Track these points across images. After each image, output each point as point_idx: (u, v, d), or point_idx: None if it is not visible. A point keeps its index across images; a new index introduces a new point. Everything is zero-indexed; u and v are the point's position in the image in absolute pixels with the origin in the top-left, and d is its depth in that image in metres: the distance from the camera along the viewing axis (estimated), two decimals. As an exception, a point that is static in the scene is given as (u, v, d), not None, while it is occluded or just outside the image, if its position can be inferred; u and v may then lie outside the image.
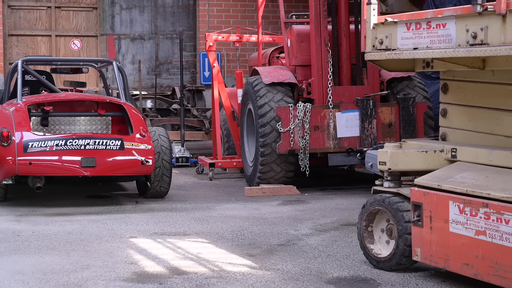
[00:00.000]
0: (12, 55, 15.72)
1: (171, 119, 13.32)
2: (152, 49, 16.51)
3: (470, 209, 4.76)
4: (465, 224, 4.80)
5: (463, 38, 4.83)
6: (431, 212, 5.04)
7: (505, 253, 4.53)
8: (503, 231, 4.54)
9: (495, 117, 5.32)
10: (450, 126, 5.75)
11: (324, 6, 9.17)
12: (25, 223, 7.37)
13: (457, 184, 4.93)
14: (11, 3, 15.74)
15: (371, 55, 5.64)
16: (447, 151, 5.41)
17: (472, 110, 5.53)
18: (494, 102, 5.32)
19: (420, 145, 5.67)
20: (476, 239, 4.72)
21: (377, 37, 5.58)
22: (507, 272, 4.53)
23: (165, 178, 8.66)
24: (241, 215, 7.78)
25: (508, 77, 5.19)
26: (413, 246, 5.21)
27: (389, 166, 5.46)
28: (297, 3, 15.85)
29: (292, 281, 5.20)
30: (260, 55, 10.54)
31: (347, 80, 9.40)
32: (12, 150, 7.96)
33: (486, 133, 5.38)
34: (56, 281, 5.23)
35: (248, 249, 6.19)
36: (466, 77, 5.56)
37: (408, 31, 5.31)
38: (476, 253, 4.73)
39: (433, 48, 5.09)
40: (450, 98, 5.74)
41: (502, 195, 4.57)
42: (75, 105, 9.05)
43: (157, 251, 6.16)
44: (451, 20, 4.94)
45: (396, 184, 5.50)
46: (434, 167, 5.39)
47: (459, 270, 4.88)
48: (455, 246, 4.89)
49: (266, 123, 9.08)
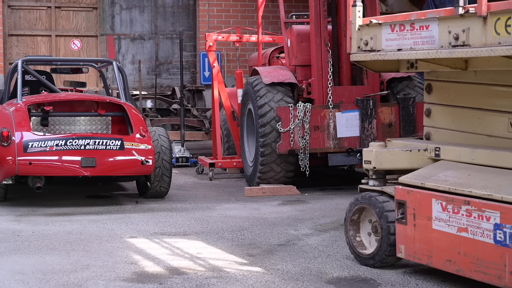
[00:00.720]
0: (12, 55, 15.72)
1: (171, 119, 13.32)
2: (152, 49, 16.50)
3: (453, 206, 4.86)
4: (447, 221, 4.91)
5: (446, 39, 4.94)
6: (415, 210, 5.14)
7: (486, 250, 4.63)
8: (484, 228, 4.64)
9: (478, 117, 5.42)
10: (434, 125, 5.86)
11: (324, 6, 9.17)
12: (25, 223, 7.37)
13: (440, 182, 5.03)
14: (11, 3, 15.74)
15: (357, 56, 5.75)
16: (430, 150, 5.51)
17: (455, 110, 5.63)
18: (477, 102, 5.42)
19: (404, 144, 5.77)
20: (458, 236, 4.82)
21: (362, 38, 5.68)
22: (488, 268, 4.63)
23: (165, 178, 8.66)
24: (241, 215, 7.78)
25: (489, 77, 5.29)
26: (397, 243, 5.30)
27: (374, 165, 5.59)
28: (297, 3, 15.85)
29: (292, 281, 5.20)
30: (260, 55, 10.54)
31: (347, 80, 9.40)
32: (12, 150, 7.96)
33: (469, 132, 5.49)
34: (56, 281, 5.23)
35: (248, 249, 6.19)
36: (449, 77, 5.66)
37: (392, 32, 5.42)
38: (458, 250, 4.83)
39: (417, 49, 5.19)
40: (434, 98, 5.85)
41: (483, 193, 4.67)
42: (75, 105, 9.05)
43: (157, 251, 6.17)
44: (434, 22, 5.04)
45: (381, 183, 5.62)
46: (418, 165, 5.49)
47: (442, 266, 4.98)
48: (438, 243, 4.98)
49: (266, 123, 9.08)
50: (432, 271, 5.15)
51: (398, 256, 5.34)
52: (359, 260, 5.65)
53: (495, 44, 4.58)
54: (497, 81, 5.24)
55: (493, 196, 4.61)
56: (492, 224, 4.59)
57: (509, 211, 4.49)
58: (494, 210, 4.58)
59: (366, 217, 5.69)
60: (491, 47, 4.59)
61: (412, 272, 5.35)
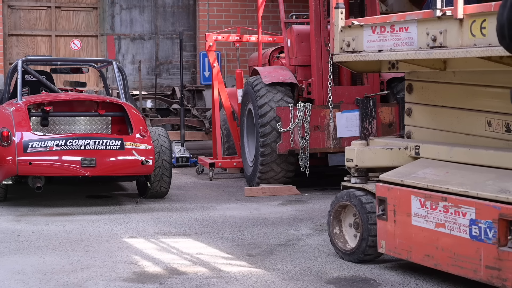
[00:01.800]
0: (12, 55, 15.72)
1: (171, 119, 13.32)
2: (152, 49, 16.50)
3: (431, 203, 5.00)
4: (426, 217, 5.05)
5: (424, 41, 5.07)
6: (395, 206, 5.29)
7: (463, 244, 4.78)
8: (460, 223, 4.79)
9: (456, 116, 5.56)
10: (414, 124, 6.00)
11: (324, 6, 9.17)
12: (25, 223, 7.37)
13: (419, 179, 5.17)
14: (11, 3, 15.74)
15: (339, 57, 5.88)
16: (411, 149, 5.66)
17: (435, 109, 5.77)
18: (455, 101, 5.56)
19: (385, 142, 5.93)
20: (436, 231, 4.97)
21: (344, 39, 5.82)
22: (464, 262, 4.77)
23: (165, 178, 8.66)
24: (241, 215, 7.78)
25: (467, 77, 5.42)
26: (378, 239, 5.44)
27: (356, 163, 5.73)
28: (297, 3, 15.85)
29: (292, 281, 5.20)
30: (260, 55, 10.54)
31: (347, 80, 9.40)
32: (12, 150, 7.95)
33: (448, 131, 5.63)
34: (56, 281, 5.23)
35: (248, 249, 6.19)
36: (429, 78, 5.79)
37: (374, 34, 5.55)
38: (436, 245, 4.97)
39: (397, 50, 5.33)
40: (415, 98, 5.99)
41: (460, 189, 4.82)
42: (75, 105, 9.05)
43: (157, 251, 6.17)
44: (413, 24, 5.18)
45: (363, 180, 5.75)
46: (399, 163, 5.63)
47: (421, 261, 5.12)
48: (417, 238, 5.13)
49: (266, 123, 9.08)
50: (432, 271, 5.15)
51: (379, 251, 5.48)
52: (340, 255, 5.81)
53: (471, 45, 4.72)
54: (475, 81, 5.37)
55: (469, 192, 4.76)
56: (468, 219, 4.73)
57: (484, 207, 4.62)
58: (469, 206, 4.72)
59: (348, 213, 5.83)
60: (467, 48, 4.74)
61: (412, 272, 5.36)
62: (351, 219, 5.79)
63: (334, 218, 5.87)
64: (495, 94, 5.22)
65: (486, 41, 4.61)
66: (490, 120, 5.27)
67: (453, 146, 5.36)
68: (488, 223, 4.60)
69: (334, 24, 5.88)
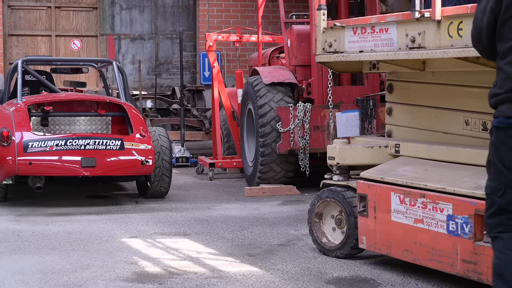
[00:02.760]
0: (12, 55, 15.72)
1: (171, 119, 13.32)
2: (152, 49, 16.51)
3: (410, 199, 5.14)
4: (405, 213, 5.18)
5: (403, 41, 5.21)
6: (375, 203, 5.42)
7: (440, 239, 4.91)
8: (438, 219, 4.93)
9: (435, 115, 5.70)
10: (395, 123, 6.14)
11: (324, 6, 9.15)
12: (25, 223, 7.37)
13: (398, 176, 5.32)
14: (11, 3, 15.75)
15: (321, 57, 6.02)
16: (391, 147, 5.81)
17: (415, 109, 5.92)
18: (434, 101, 5.71)
19: (367, 141, 6.09)
20: (415, 227, 5.11)
21: (326, 40, 5.95)
22: (442, 256, 4.91)
23: (165, 178, 8.66)
24: (241, 215, 7.78)
25: (446, 78, 5.56)
26: (359, 235, 5.59)
27: (337, 161, 5.86)
28: (297, 3, 15.85)
29: (292, 281, 5.21)
30: (260, 55, 10.54)
31: (347, 80, 9.39)
32: (12, 150, 7.95)
33: (427, 129, 5.77)
34: (56, 281, 5.23)
35: (248, 249, 6.19)
36: (409, 78, 5.93)
37: (355, 35, 5.70)
38: (415, 240, 5.11)
39: (377, 51, 5.46)
40: (395, 98, 6.13)
41: (437, 186, 4.97)
42: (75, 105, 9.05)
43: (157, 251, 6.17)
44: (392, 25, 5.32)
45: (345, 178, 5.90)
46: (380, 161, 5.78)
47: (400, 256, 5.26)
48: (396, 233, 5.26)
49: (266, 123, 9.08)
50: (432, 271, 5.15)
51: (360, 247, 5.61)
52: (323, 251, 5.92)
53: (448, 46, 4.86)
54: (453, 81, 5.50)
55: (446, 189, 4.90)
56: (445, 215, 4.88)
57: (460, 203, 4.77)
58: (447, 202, 4.87)
59: (330, 210, 5.94)
60: (444, 49, 4.88)
61: (412, 272, 5.36)
62: (333, 216, 5.92)
63: (316, 216, 5.98)
64: (473, 93, 5.36)
65: (463, 42, 4.75)
66: (468, 119, 5.41)
67: (432, 144, 5.51)
68: (464, 219, 4.75)
69: (317, 25, 6.02)
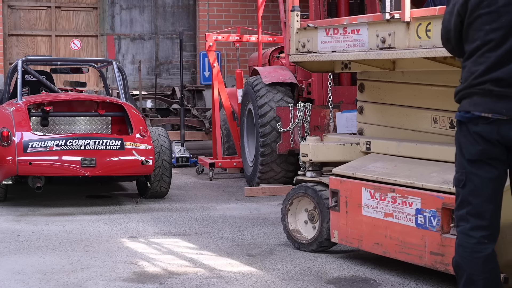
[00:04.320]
0: (12, 55, 15.72)
1: (171, 119, 13.31)
2: (152, 49, 16.51)
3: (380, 194, 5.32)
4: (375, 208, 5.37)
5: (374, 42, 5.40)
6: (347, 198, 5.62)
7: (409, 232, 5.10)
8: (407, 212, 5.12)
9: (405, 113, 5.91)
10: (366, 121, 6.34)
11: (324, 6, 9.17)
12: (25, 223, 7.37)
13: (369, 172, 5.50)
14: (11, 3, 15.75)
15: (295, 57, 6.21)
16: (362, 144, 6.01)
17: (385, 107, 6.12)
18: (404, 100, 5.91)
19: (339, 138, 6.31)
20: (385, 220, 5.29)
21: (300, 41, 6.13)
22: (410, 249, 5.10)
23: (165, 178, 8.66)
24: (241, 215, 7.78)
25: (415, 77, 5.76)
26: (331, 229, 5.78)
27: (310, 158, 6.07)
28: (297, 3, 15.83)
29: (292, 281, 5.20)
30: (260, 55, 10.53)
31: (347, 80, 9.39)
32: (12, 150, 7.95)
33: (397, 127, 5.98)
34: (56, 281, 5.23)
35: (248, 249, 6.19)
36: (379, 77, 6.13)
37: (327, 35, 5.89)
38: (385, 233, 5.30)
39: (349, 51, 5.66)
40: (366, 97, 6.33)
41: (406, 181, 5.15)
42: (75, 105, 9.05)
43: (157, 251, 6.17)
44: (364, 26, 5.52)
45: (317, 174, 6.10)
46: (351, 158, 5.97)
47: (371, 249, 5.46)
48: (367, 227, 5.45)
49: (266, 123, 9.08)
50: (431, 272, 5.15)
51: (332, 241, 5.80)
52: (296, 246, 6.11)
53: (417, 47, 5.04)
54: (422, 81, 5.70)
55: (415, 184, 5.08)
56: (414, 209, 5.06)
57: (428, 197, 4.95)
58: (415, 196, 5.05)
59: (302, 206, 6.11)
60: (413, 50, 5.06)
61: (412, 272, 5.36)
62: (306, 211, 6.09)
63: (289, 211, 6.15)
64: (440, 93, 5.54)
65: (431, 43, 4.93)
66: (436, 117, 5.61)
67: (401, 141, 5.69)
68: (432, 212, 4.93)
69: (290, 26, 6.21)
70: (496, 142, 3.76)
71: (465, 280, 3.81)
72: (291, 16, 6.18)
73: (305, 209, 6.09)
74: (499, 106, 3.71)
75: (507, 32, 3.70)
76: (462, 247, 3.83)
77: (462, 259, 3.82)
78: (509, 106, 3.70)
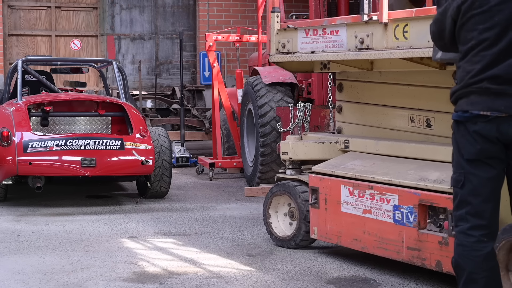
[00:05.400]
0: (12, 55, 15.72)
1: (171, 119, 13.31)
2: (152, 49, 16.51)
3: (358, 191, 5.46)
4: (354, 205, 5.51)
5: (353, 43, 5.53)
6: (326, 195, 5.75)
7: (387, 228, 5.23)
8: (385, 209, 5.24)
9: (382, 113, 6.04)
10: (344, 120, 6.51)
11: (324, 6, 9.16)
12: (25, 223, 7.37)
13: (347, 170, 5.64)
14: (11, 3, 15.75)
15: (275, 57, 6.35)
16: (341, 143, 6.14)
17: (363, 107, 6.25)
18: (381, 99, 6.04)
19: (318, 137, 6.44)
20: (363, 217, 5.42)
21: (280, 41, 6.30)
22: (388, 244, 5.23)
23: (165, 178, 8.66)
24: (241, 215, 7.78)
25: (392, 77, 5.89)
26: (311, 226, 5.92)
27: (290, 156, 6.24)
28: (297, 3, 15.85)
29: (292, 281, 5.20)
30: (260, 55, 10.53)
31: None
32: (12, 150, 7.95)
33: (375, 126, 6.12)
34: (56, 281, 5.23)
35: (248, 249, 6.19)
36: (358, 77, 6.28)
37: (307, 36, 6.03)
38: (363, 229, 5.44)
39: (328, 52, 5.79)
40: (345, 96, 6.50)
41: (384, 178, 5.28)
42: (75, 105, 9.05)
43: (157, 251, 6.17)
44: (342, 28, 5.65)
45: (297, 172, 6.26)
46: (330, 156, 6.11)
47: (350, 244, 5.60)
48: (346, 224, 5.59)
49: (266, 123, 9.08)
50: (431, 272, 5.15)
51: (312, 237, 5.93)
52: (276, 242, 6.25)
53: (394, 47, 5.17)
54: (399, 81, 5.83)
55: (392, 181, 5.21)
56: (391, 205, 5.18)
57: (405, 194, 5.08)
58: (393, 193, 5.17)
59: (283, 203, 6.26)
60: (391, 50, 5.18)
61: (412, 272, 5.36)
62: (286, 208, 6.23)
63: (270, 208, 6.29)
64: (417, 92, 5.67)
65: (408, 44, 5.05)
66: (413, 116, 5.73)
67: (379, 140, 5.81)
68: (409, 208, 5.06)
69: (271, 27, 6.33)
70: (495, 140, 3.76)
71: (465, 279, 3.81)
72: (271, 17, 6.33)
73: (285, 206, 6.23)
74: (498, 103, 3.71)
75: (501, 30, 3.72)
76: (462, 246, 3.83)
77: (462, 258, 3.82)
78: (507, 103, 3.71)
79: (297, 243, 6.07)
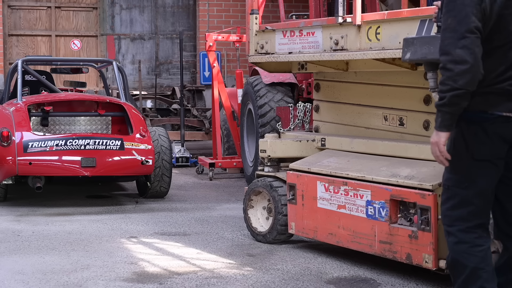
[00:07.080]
0: (12, 55, 15.72)
1: (171, 119, 13.31)
2: (152, 49, 16.50)
3: (334, 187, 5.63)
4: (329, 200, 5.68)
5: (328, 44, 5.70)
6: (303, 192, 5.92)
7: (360, 223, 5.41)
8: (358, 204, 5.42)
9: (357, 112, 6.22)
10: (321, 119, 6.70)
11: (324, 6, 9.16)
12: (25, 223, 7.37)
13: (323, 167, 5.82)
14: (11, 3, 15.74)
15: (254, 58, 6.54)
16: (317, 141, 6.34)
17: (339, 106, 6.44)
18: (357, 99, 6.23)
19: (295, 135, 6.63)
20: (338, 212, 5.60)
21: (258, 42, 6.48)
22: (362, 238, 5.41)
23: (165, 178, 8.66)
24: (241, 215, 7.76)
25: (367, 77, 6.06)
26: (288, 221, 6.10)
27: (268, 154, 6.38)
28: (297, 3, 15.85)
29: (292, 281, 5.21)
30: (260, 55, 10.52)
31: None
32: (12, 150, 7.95)
33: (350, 125, 6.32)
34: (56, 281, 5.23)
35: (248, 249, 6.19)
36: (334, 77, 6.47)
37: (284, 37, 6.20)
38: (338, 224, 5.62)
39: (304, 53, 5.96)
40: (322, 96, 6.67)
41: (358, 175, 5.46)
42: (75, 105, 9.05)
43: (157, 251, 6.17)
44: (318, 29, 5.81)
45: (275, 169, 6.42)
46: (307, 154, 6.29)
47: (325, 239, 5.78)
48: (322, 219, 5.77)
49: (266, 123, 9.08)
50: (431, 272, 5.15)
51: (290, 232, 6.12)
52: (255, 237, 6.44)
53: (367, 48, 5.33)
54: (373, 81, 6.00)
55: (365, 177, 5.39)
56: (364, 201, 5.36)
57: (378, 189, 5.26)
58: (366, 189, 5.36)
59: (261, 199, 6.43)
60: (364, 51, 5.35)
61: (412, 272, 5.36)
62: (264, 204, 6.40)
63: (249, 204, 6.47)
64: (391, 92, 5.83)
65: (380, 45, 5.21)
66: (386, 115, 5.91)
67: (354, 138, 6.03)
68: (381, 204, 5.23)
69: (250, 28, 6.55)
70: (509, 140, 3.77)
71: (467, 276, 3.80)
72: (250, 19, 6.48)
73: (263, 202, 6.40)
74: None
75: None
76: (463, 243, 3.82)
77: (463, 255, 3.82)
78: None
79: (274, 237, 6.24)
